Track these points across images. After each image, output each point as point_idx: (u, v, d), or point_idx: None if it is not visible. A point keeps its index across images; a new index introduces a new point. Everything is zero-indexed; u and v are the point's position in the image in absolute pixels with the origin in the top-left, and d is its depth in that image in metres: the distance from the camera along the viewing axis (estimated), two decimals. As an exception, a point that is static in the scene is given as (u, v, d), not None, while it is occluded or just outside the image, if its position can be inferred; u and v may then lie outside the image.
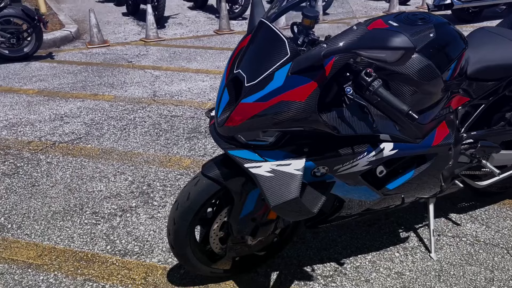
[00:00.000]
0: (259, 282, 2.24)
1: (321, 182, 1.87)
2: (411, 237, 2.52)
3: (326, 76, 1.60)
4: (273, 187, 1.71)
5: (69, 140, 3.88)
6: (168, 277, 2.29)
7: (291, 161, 1.74)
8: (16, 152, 3.69)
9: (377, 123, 1.82)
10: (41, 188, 3.14)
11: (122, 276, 2.31)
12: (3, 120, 4.34)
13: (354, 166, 1.85)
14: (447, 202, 2.82)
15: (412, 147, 1.94)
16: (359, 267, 2.32)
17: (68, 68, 6.01)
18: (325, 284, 2.21)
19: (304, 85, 1.60)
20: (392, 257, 2.37)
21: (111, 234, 2.64)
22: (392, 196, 2.12)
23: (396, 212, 2.73)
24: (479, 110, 2.28)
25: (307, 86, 1.60)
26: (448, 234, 2.54)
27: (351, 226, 2.62)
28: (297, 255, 2.41)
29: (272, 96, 1.63)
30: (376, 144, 1.85)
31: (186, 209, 1.94)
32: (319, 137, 1.77)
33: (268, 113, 1.65)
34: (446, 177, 2.31)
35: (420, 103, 1.89)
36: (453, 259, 2.35)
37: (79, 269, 2.37)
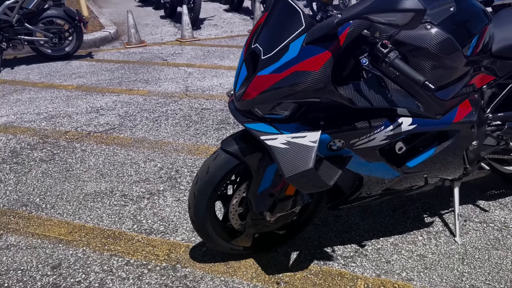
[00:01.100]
0: (278, 261, 2.26)
1: (337, 156, 1.88)
2: (435, 222, 2.47)
3: (341, 46, 1.62)
4: (288, 159, 1.73)
5: (103, 130, 4.02)
6: (191, 254, 2.34)
7: (307, 133, 1.76)
8: (53, 140, 3.85)
9: (395, 97, 1.81)
10: (75, 172, 3.27)
11: (147, 252, 2.38)
12: (43, 112, 4.54)
13: (371, 141, 1.84)
14: (476, 190, 2.75)
15: (432, 123, 1.91)
16: (380, 249, 2.30)
17: (106, 66, 6.22)
18: (345, 264, 2.21)
19: (318, 55, 1.62)
20: (415, 240, 2.34)
21: (138, 215, 2.72)
22: (413, 176, 2.09)
23: (421, 198, 2.69)
24: (506, 90, 2.23)
25: (321, 56, 1.62)
26: (475, 220, 2.48)
27: (374, 211, 2.60)
28: (318, 237, 2.42)
29: (287, 67, 1.66)
30: (394, 119, 1.84)
31: (206, 183, 1.98)
32: (335, 110, 1.78)
33: (283, 84, 1.67)
34: (471, 159, 2.27)
35: (440, 78, 1.87)
36: (479, 243, 2.30)
37: (106, 245, 2.45)
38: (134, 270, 2.25)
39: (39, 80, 5.67)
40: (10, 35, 6.07)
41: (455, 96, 1.97)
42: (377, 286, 2.06)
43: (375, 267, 2.18)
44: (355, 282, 2.09)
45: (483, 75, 2.07)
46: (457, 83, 1.95)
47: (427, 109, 1.89)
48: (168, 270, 2.24)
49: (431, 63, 1.82)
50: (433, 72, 1.84)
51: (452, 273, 2.11)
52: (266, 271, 2.19)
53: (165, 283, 2.15)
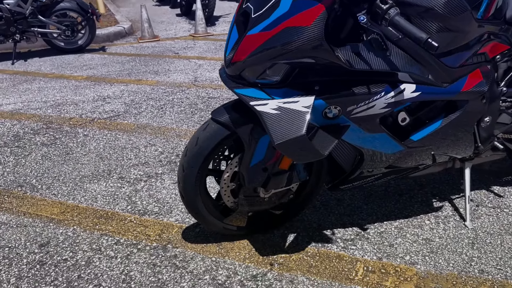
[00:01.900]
0: (274, 243, 2.13)
1: (334, 125, 1.75)
2: (445, 207, 2.31)
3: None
4: (278, 125, 1.61)
5: (108, 117, 3.96)
6: (183, 234, 2.23)
7: (300, 98, 1.63)
8: (57, 126, 3.80)
9: (397, 61, 1.68)
10: (74, 156, 3.20)
11: (138, 232, 2.28)
12: (50, 101, 4.50)
13: (371, 108, 1.71)
14: (490, 175, 2.58)
15: (438, 91, 1.77)
16: (383, 232, 2.15)
17: (117, 58, 6.19)
18: (344, 247, 2.07)
19: (310, 9, 1.50)
20: (421, 225, 2.18)
21: (133, 196, 2.62)
22: (419, 152, 1.94)
23: (431, 183, 2.53)
24: (522, 63, 2.06)
25: (313, 10, 1.49)
26: (488, 205, 2.31)
27: (380, 195, 2.45)
28: (318, 219, 2.28)
29: (277, 24, 1.54)
30: (395, 85, 1.71)
31: (194, 154, 1.87)
32: (331, 74, 1.65)
33: (273, 43, 1.55)
34: (483, 138, 2.10)
35: (448, 42, 1.73)
36: (491, 228, 2.13)
37: (97, 225, 2.36)
38: (123, 249, 2.15)
39: (50, 71, 5.66)
40: (24, 27, 6.08)
41: (464, 65, 1.82)
42: (378, 269, 1.91)
43: (376, 250, 2.03)
44: (354, 265, 1.95)
45: (496, 44, 1.91)
46: (467, 49, 1.80)
47: (433, 76, 1.74)
48: (158, 250, 2.13)
49: (437, 25, 1.68)
50: (440, 35, 1.69)
51: (460, 257, 1.95)
52: (260, 252, 2.06)
53: (154, 263, 2.05)
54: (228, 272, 1.96)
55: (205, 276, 1.94)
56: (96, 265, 2.05)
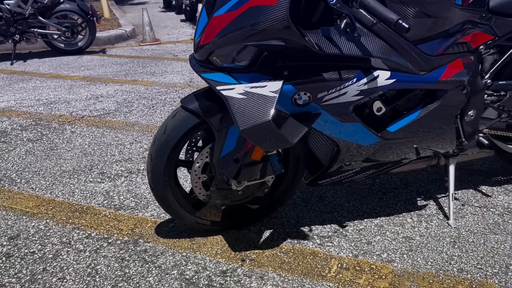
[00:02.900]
0: (249, 239, 2.05)
1: (305, 113, 1.67)
2: (429, 206, 2.22)
3: (301, -24, 1.42)
4: (244, 110, 1.54)
5: (98, 114, 3.91)
6: (156, 229, 2.16)
7: (267, 83, 1.57)
8: (46, 123, 3.76)
9: (372, 46, 1.60)
10: (58, 151, 3.15)
11: (111, 226, 2.21)
12: (43, 99, 4.48)
13: (342, 95, 1.63)
14: (481, 175, 2.48)
15: (415, 79, 1.69)
16: (362, 230, 2.06)
17: (116, 60, 6.18)
18: (321, 244, 1.98)
19: (274, -13, 1.43)
20: (403, 223, 2.09)
21: (111, 191, 2.56)
22: (399, 144, 1.86)
23: (417, 182, 2.44)
24: (509, 54, 1.98)
25: (278, -12, 1.43)
26: (474, 204, 2.21)
27: (363, 193, 2.37)
28: (297, 216, 2.20)
29: (242, 3, 1.48)
30: (369, 71, 1.63)
31: (162, 143, 1.81)
32: (301, 59, 1.58)
33: (238, 23, 1.49)
34: (468, 133, 2.02)
35: (425, 28, 1.66)
36: (475, 227, 2.03)
37: (70, 219, 2.30)
38: (94, 243, 2.08)
39: (47, 71, 5.66)
40: (24, 28, 6.09)
41: (444, 53, 1.75)
42: (352, 266, 1.82)
43: (353, 247, 1.94)
44: (328, 262, 1.86)
45: (479, 33, 1.83)
46: (446, 37, 1.72)
47: (410, 63, 1.67)
48: (128, 244, 2.06)
49: (415, 10, 1.62)
50: (417, 20, 1.63)
51: (440, 256, 1.86)
52: (233, 248, 1.99)
53: (122, 257, 1.97)
54: (197, 267, 1.88)
55: (173, 271, 1.87)
56: (63, 258, 1.98)
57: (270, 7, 1.43)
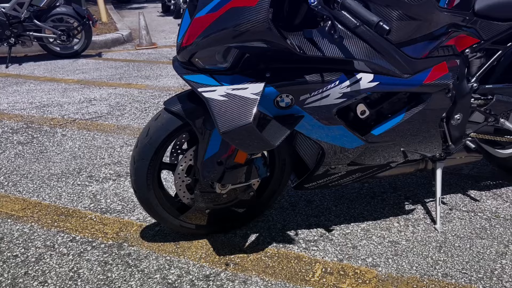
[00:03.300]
0: (234, 243, 2.03)
1: (287, 115, 1.66)
2: (417, 210, 2.20)
3: (280, -22, 1.41)
4: (225, 112, 1.53)
5: (90, 118, 3.90)
6: (141, 233, 2.14)
7: (249, 85, 1.55)
8: (37, 126, 3.74)
9: (355, 49, 1.59)
10: (48, 154, 3.13)
11: (96, 230, 2.19)
12: (36, 102, 4.46)
13: (325, 98, 1.62)
14: (469, 180, 2.47)
15: (398, 82, 1.68)
16: (348, 234, 2.04)
17: (111, 64, 6.17)
18: (306, 248, 1.96)
19: (254, -12, 1.42)
20: (389, 227, 2.08)
21: (98, 194, 2.54)
22: (385, 148, 1.85)
23: (406, 186, 2.43)
24: (495, 57, 1.97)
25: (258, -11, 1.42)
26: (462, 209, 2.20)
27: (351, 197, 2.35)
28: (283, 220, 2.18)
29: (223, 4, 1.47)
30: (352, 74, 1.62)
31: (145, 146, 1.79)
32: (284, 61, 1.57)
33: (219, 25, 1.48)
34: (455, 137, 2.01)
35: (409, 30, 1.65)
36: (462, 232, 2.01)
37: (56, 222, 2.28)
38: (77, 246, 2.07)
39: (42, 74, 5.65)
40: (19, 31, 6.09)
41: (429, 56, 1.74)
42: (336, 270, 1.80)
43: (338, 251, 1.92)
44: (312, 266, 1.84)
45: (464, 36, 1.82)
46: (431, 40, 1.71)
47: (394, 66, 1.65)
48: (112, 248, 2.04)
49: (398, 12, 1.61)
50: (401, 23, 1.62)
51: (425, 260, 1.84)
52: (217, 252, 1.97)
53: (105, 261, 1.95)
54: (181, 271, 1.86)
55: (156, 275, 1.85)
56: (46, 262, 1.96)
57: (250, 8, 1.42)
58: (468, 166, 2.60)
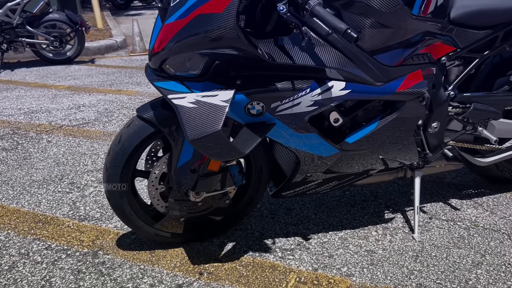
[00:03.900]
0: (210, 251, 2.01)
1: (259, 123, 1.65)
2: (396, 219, 2.18)
3: (248, -15, 1.41)
4: (194, 119, 1.51)
5: (77, 124, 3.88)
6: (118, 241, 2.12)
7: (219, 92, 1.54)
8: (23, 132, 3.73)
9: (327, 57, 1.58)
10: (31, 161, 3.12)
11: (72, 237, 2.17)
12: (25, 108, 4.45)
13: (296, 106, 1.61)
14: (451, 188, 2.45)
15: (371, 90, 1.66)
16: (326, 243, 2.02)
17: (104, 70, 6.16)
18: (282, 257, 1.94)
19: (221, -5, 1.41)
20: (367, 236, 2.05)
21: (78, 202, 2.52)
22: (362, 155, 1.83)
23: (387, 194, 2.41)
24: (472, 66, 1.96)
25: (225, -5, 1.40)
26: (441, 218, 2.18)
27: (331, 205, 2.33)
28: (262, 228, 2.16)
29: (191, 11, 1.46)
30: (323, 81, 1.60)
31: (117, 153, 1.78)
32: (254, 68, 1.56)
33: (187, 31, 1.47)
34: (433, 145, 1.99)
35: (382, 38, 1.64)
36: (439, 241, 1.99)
37: (33, 229, 2.26)
38: (52, 254, 2.04)
39: (33, 80, 5.64)
40: (11, 37, 6.08)
41: (404, 64, 1.73)
42: (310, 280, 1.78)
43: (314, 260, 1.90)
44: (286, 275, 1.82)
45: (440, 44, 1.81)
46: (405, 48, 1.70)
47: (366, 74, 1.64)
48: (87, 256, 2.02)
49: (370, 20, 1.59)
50: (374, 30, 1.61)
51: (401, 270, 1.82)
52: (192, 261, 1.94)
53: (79, 269, 1.93)
54: (153, 280, 1.84)
55: (128, 284, 1.82)
56: (18, 270, 1.94)
57: (217, 15, 1.41)
58: (451, 175, 2.59)
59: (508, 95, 2.05)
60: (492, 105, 2.01)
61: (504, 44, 1.95)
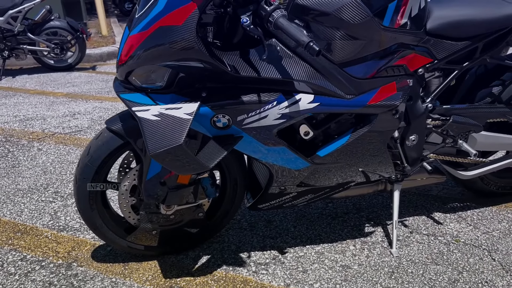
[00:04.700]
0: (184, 265, 1.98)
1: (227, 136, 1.62)
2: (376, 233, 2.14)
3: (208, -4, 1.38)
4: (156, 132, 1.49)
5: (69, 132, 3.89)
6: (93, 253, 2.10)
7: (183, 104, 1.52)
8: (16, 140, 3.74)
9: (295, 69, 1.55)
10: (19, 169, 3.12)
11: (48, 248, 2.15)
12: (21, 115, 4.47)
13: (263, 119, 1.58)
14: (436, 201, 2.40)
15: (340, 103, 1.63)
16: (301, 257, 1.98)
17: (104, 77, 6.18)
18: (255, 272, 1.90)
19: (182, 7, 1.39)
20: (344, 250, 2.01)
21: (60, 211, 2.51)
22: (334, 169, 1.80)
23: (370, 207, 2.36)
24: (451, 77, 1.91)
25: (185, 8, 1.39)
26: (422, 232, 2.13)
27: (312, 218, 2.29)
28: (239, 241, 2.12)
29: (153, 23, 1.44)
30: (290, 94, 1.57)
31: (86, 165, 1.76)
32: (220, 80, 1.53)
33: (149, 43, 1.45)
34: (412, 158, 1.95)
35: (352, 50, 1.60)
36: (418, 257, 1.94)
37: (10, 239, 2.24)
38: (26, 266, 2.03)
39: (33, 87, 5.67)
40: (13, 44, 6.13)
41: (377, 76, 1.69)
42: (280, 296, 1.74)
43: (287, 275, 1.86)
44: (257, 291, 1.78)
45: (416, 55, 1.77)
46: (377, 60, 1.67)
47: (336, 87, 1.61)
48: (60, 268, 2.00)
49: (339, 32, 1.56)
50: (343, 42, 1.57)
51: (374, 287, 1.77)
52: (164, 275, 1.91)
53: (51, 281, 1.91)
54: (123, 294, 1.81)
55: (97, 298, 1.80)
56: (-10, 281, 1.93)
57: (177, 27, 1.39)
58: (437, 187, 2.53)
59: (490, 107, 2.00)
60: (473, 117, 1.97)
61: (484, 55, 1.90)
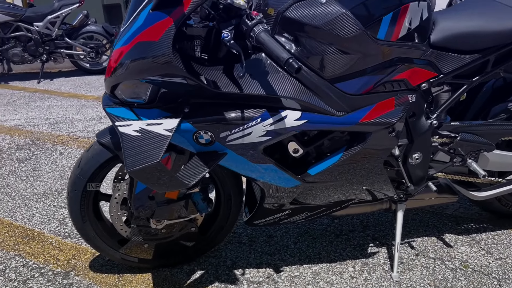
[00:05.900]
0: (177, 279, 1.95)
1: (211, 153, 1.57)
2: (380, 253, 2.03)
3: (184, 12, 1.35)
4: (135, 149, 1.46)
5: (92, 136, 3.96)
6: (92, 262, 2.11)
7: (164, 120, 1.49)
8: (41, 143, 3.84)
9: (282, 85, 1.49)
10: (39, 173, 3.19)
11: (50, 255, 2.18)
12: (51, 118, 4.60)
13: (247, 136, 1.52)
14: (450, 221, 2.26)
15: (329, 121, 1.55)
16: (296, 277, 1.91)
17: (136, 80, 6.27)
18: (247, 290, 1.85)
19: (159, 22, 1.36)
20: (342, 272, 1.92)
21: (68, 218, 2.54)
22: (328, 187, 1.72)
23: (377, 225, 2.25)
24: (459, 93, 1.79)
25: (162, 23, 1.36)
26: (429, 255, 2.00)
27: (315, 234, 2.21)
28: (236, 257, 2.07)
29: (132, 38, 1.42)
30: (276, 111, 1.51)
31: (77, 177, 1.76)
32: (203, 96, 1.49)
33: (128, 58, 1.44)
34: (415, 177, 1.84)
35: (343, 65, 1.53)
36: (419, 283, 1.83)
37: (17, 245, 2.29)
38: (27, 272, 2.06)
39: (68, 90, 5.84)
40: (51, 49, 6.35)
41: (373, 92, 1.60)
42: (267, 319, 1.68)
43: (278, 297, 1.80)
44: (244, 312, 1.72)
45: (418, 69, 1.67)
46: (372, 74, 1.58)
47: (326, 103, 1.53)
48: (58, 277, 2.02)
49: (330, 46, 1.49)
50: (333, 57, 1.50)
51: (367, 314, 1.68)
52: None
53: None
54: (112, 307, 1.80)
55: (87, 309, 1.80)
56: (-10, 287, 1.97)
57: (154, 43, 1.36)
58: (453, 205, 2.39)
59: (505, 124, 1.86)
60: (485, 135, 1.83)
61: (497, 69, 1.77)
